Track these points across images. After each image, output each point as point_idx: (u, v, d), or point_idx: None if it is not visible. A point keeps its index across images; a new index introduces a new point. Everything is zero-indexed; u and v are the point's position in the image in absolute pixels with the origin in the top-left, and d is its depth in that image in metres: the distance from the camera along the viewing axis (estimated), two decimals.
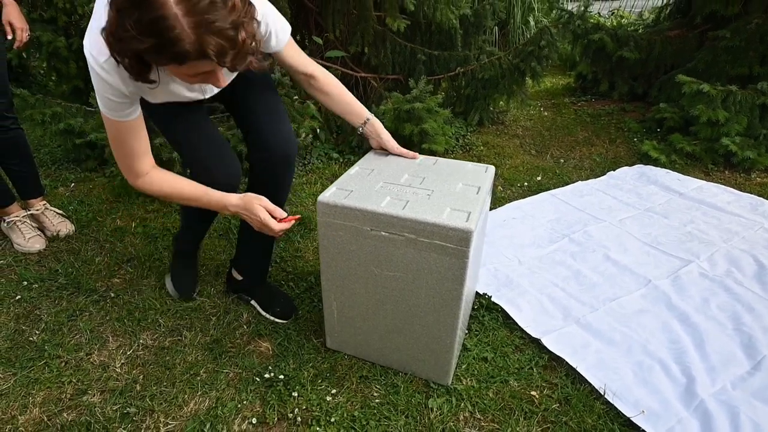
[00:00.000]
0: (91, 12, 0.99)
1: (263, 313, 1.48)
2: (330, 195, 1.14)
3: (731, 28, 2.69)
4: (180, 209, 1.60)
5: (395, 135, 1.43)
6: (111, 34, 0.77)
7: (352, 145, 2.60)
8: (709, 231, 1.91)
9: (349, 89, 1.32)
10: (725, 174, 2.45)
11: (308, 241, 1.93)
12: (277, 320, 1.46)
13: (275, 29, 1.09)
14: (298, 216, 1.17)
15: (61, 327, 1.49)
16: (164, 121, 1.17)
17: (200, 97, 1.13)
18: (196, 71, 0.84)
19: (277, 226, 1.08)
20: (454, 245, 1.04)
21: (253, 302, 1.52)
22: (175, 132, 1.19)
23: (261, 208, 1.08)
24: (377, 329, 1.26)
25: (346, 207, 1.10)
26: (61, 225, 1.99)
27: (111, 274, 1.75)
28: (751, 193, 2.21)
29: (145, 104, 1.08)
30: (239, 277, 1.52)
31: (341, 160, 2.62)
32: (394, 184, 1.19)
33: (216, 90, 1.17)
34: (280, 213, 1.09)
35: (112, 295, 1.64)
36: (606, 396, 1.20)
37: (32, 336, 1.45)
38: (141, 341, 1.44)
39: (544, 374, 1.29)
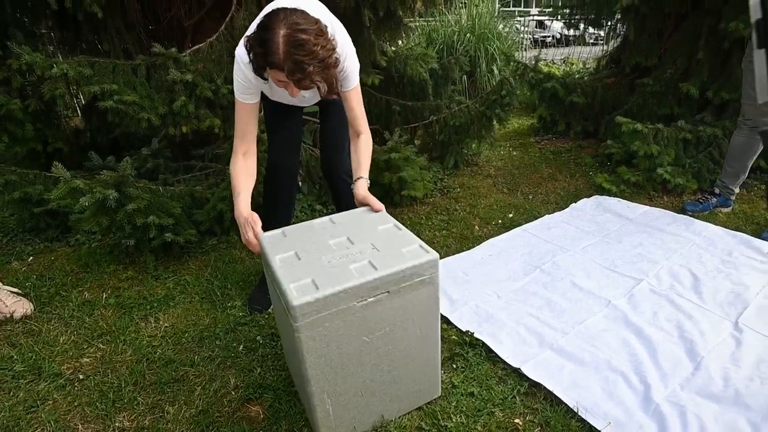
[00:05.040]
0: (51, 75, 1.78)
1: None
2: (301, 295, 1.01)
3: (652, 77, 3.14)
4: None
5: (375, 184, 1.52)
6: (248, 39, 1.23)
7: None
8: (655, 251, 2.10)
9: None
10: (664, 199, 2.82)
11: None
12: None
13: (348, 73, 1.42)
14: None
15: (18, 422, 1.28)
16: (268, 109, 1.67)
17: (298, 104, 1.54)
18: (278, 78, 1.24)
19: (253, 242, 1.25)
20: (429, 275, 1.14)
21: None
22: (268, 118, 1.69)
23: (246, 226, 1.26)
24: (375, 392, 1.23)
25: (329, 295, 1.01)
26: (16, 305, 1.72)
27: (79, 353, 1.53)
28: (684, 214, 2.54)
29: (264, 97, 1.54)
30: None
31: (325, 212, 2.60)
32: (337, 253, 1.15)
33: (308, 104, 1.57)
34: (258, 231, 1.27)
35: (81, 377, 1.43)
36: (579, 413, 1.35)
37: None
38: (117, 424, 1.27)
39: (525, 401, 1.41)
